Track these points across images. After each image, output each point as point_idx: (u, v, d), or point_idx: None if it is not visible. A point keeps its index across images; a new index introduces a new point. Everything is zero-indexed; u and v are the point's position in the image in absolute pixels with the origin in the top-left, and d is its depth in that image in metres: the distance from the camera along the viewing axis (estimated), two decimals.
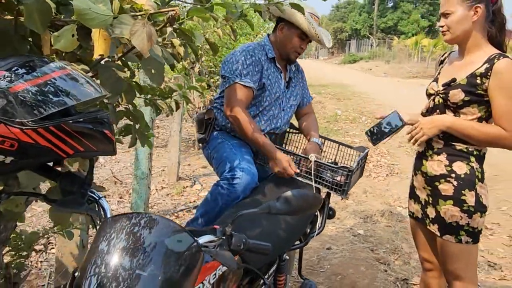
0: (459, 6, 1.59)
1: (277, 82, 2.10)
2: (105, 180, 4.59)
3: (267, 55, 2.08)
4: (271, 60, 2.09)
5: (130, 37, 1.00)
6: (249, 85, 1.95)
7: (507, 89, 1.51)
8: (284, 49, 2.08)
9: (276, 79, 2.09)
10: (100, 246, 0.93)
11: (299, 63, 2.31)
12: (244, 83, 1.95)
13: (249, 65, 1.98)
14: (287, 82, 2.18)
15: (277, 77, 2.10)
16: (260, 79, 2.01)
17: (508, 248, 3.29)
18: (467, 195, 1.61)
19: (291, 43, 2.05)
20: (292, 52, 2.08)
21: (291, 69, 2.21)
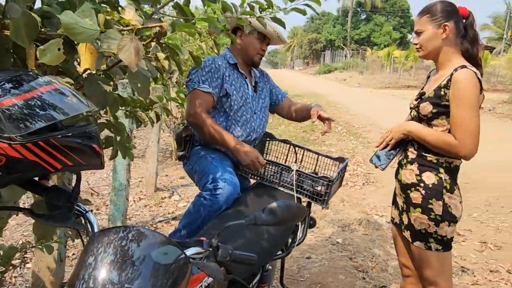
0: (429, 25, 1.69)
1: (243, 87, 2.17)
2: (81, 192, 4.48)
3: (228, 62, 2.16)
4: (233, 66, 2.17)
5: (118, 52, 1.01)
6: (207, 90, 2.02)
7: (460, 98, 1.58)
8: (247, 54, 2.17)
9: (241, 83, 2.16)
10: (88, 261, 0.93)
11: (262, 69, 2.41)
12: (202, 88, 2.02)
13: (208, 72, 2.05)
14: (254, 86, 2.26)
15: (241, 82, 2.17)
16: (222, 85, 2.08)
17: (479, 254, 3.41)
18: (434, 204, 1.67)
19: (253, 47, 2.15)
20: (255, 55, 2.17)
21: (256, 74, 2.30)
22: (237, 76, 2.16)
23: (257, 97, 2.25)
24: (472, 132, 1.58)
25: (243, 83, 2.18)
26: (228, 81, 2.10)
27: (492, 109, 13.25)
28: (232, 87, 2.10)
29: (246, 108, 2.15)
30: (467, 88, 1.57)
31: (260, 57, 2.19)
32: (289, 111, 2.44)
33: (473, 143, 1.59)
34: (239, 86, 2.14)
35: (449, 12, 1.68)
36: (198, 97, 2.02)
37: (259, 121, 2.22)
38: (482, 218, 4.23)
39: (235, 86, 2.12)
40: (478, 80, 1.59)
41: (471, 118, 1.57)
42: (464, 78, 1.57)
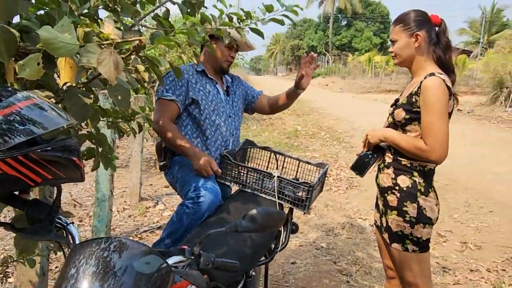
0: (402, 34, 1.76)
1: (213, 92, 2.22)
2: (64, 203, 4.44)
3: (196, 69, 2.21)
4: (201, 73, 2.22)
5: (97, 66, 1.03)
6: (170, 98, 2.11)
7: (429, 104, 1.64)
8: (215, 61, 2.23)
9: (211, 89, 2.22)
10: (70, 273, 0.93)
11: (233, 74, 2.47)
12: (166, 97, 2.11)
13: (172, 81, 2.13)
14: (226, 90, 2.32)
15: (211, 87, 2.23)
16: (187, 93, 2.14)
17: (460, 254, 3.48)
18: (409, 206, 1.72)
19: (221, 54, 2.21)
20: (224, 62, 2.23)
21: (227, 79, 2.37)
22: (205, 82, 2.22)
23: (230, 101, 2.31)
24: (440, 137, 1.63)
25: (213, 88, 2.23)
26: (195, 88, 2.16)
27: (471, 111, 13.56)
28: (200, 93, 2.16)
29: (219, 112, 2.20)
30: (434, 95, 1.62)
31: (228, 64, 2.25)
32: (270, 103, 2.50)
33: (442, 148, 1.64)
34: (209, 92, 2.20)
35: (421, 21, 1.74)
36: (162, 105, 2.11)
37: (234, 124, 2.28)
38: (462, 218, 4.33)
39: (203, 92, 2.17)
40: (447, 87, 1.65)
41: (439, 124, 1.63)
42: (432, 86, 1.63)
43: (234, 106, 2.33)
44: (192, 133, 2.18)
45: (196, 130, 2.18)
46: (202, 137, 2.17)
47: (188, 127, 2.19)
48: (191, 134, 2.18)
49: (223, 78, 2.35)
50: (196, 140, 2.17)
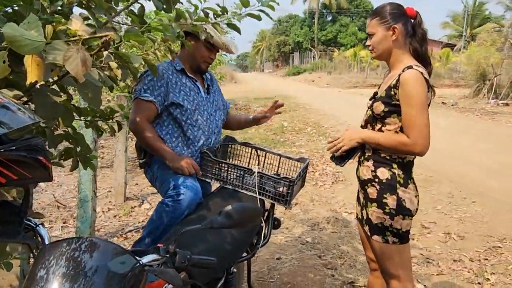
0: (379, 27, 1.76)
1: (193, 91, 2.19)
2: (47, 205, 4.39)
3: (175, 68, 2.18)
4: (180, 72, 2.19)
5: (64, 63, 1.01)
6: (148, 99, 2.06)
7: (409, 97, 1.65)
8: (194, 61, 2.20)
9: (191, 88, 2.19)
10: (39, 274, 0.92)
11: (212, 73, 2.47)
12: (143, 97, 2.06)
13: (151, 81, 2.08)
14: (207, 89, 2.30)
15: (191, 86, 2.19)
16: (167, 94, 2.10)
17: (444, 245, 3.53)
18: (388, 198, 1.74)
19: (200, 54, 2.17)
20: (202, 62, 2.19)
21: (207, 77, 2.35)
22: (185, 81, 2.18)
23: (211, 99, 2.29)
24: (422, 129, 1.65)
25: (193, 87, 2.20)
26: (175, 88, 2.12)
27: (455, 104, 13.74)
28: (180, 93, 2.12)
29: (201, 111, 2.17)
30: (413, 87, 1.63)
31: (207, 64, 2.22)
32: (229, 121, 2.53)
33: (424, 139, 1.65)
34: (189, 91, 2.16)
35: (397, 14, 1.75)
36: (139, 106, 2.07)
37: (215, 122, 2.26)
38: (445, 210, 4.38)
39: (184, 92, 2.14)
40: (425, 79, 1.66)
41: (420, 116, 1.64)
42: (410, 78, 1.64)
43: (215, 104, 2.30)
44: (173, 133, 2.14)
45: (177, 129, 2.14)
46: (183, 136, 2.14)
47: (170, 126, 2.15)
48: (172, 133, 2.14)
49: (204, 76, 2.32)
50: (177, 140, 2.13)
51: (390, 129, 1.75)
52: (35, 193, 4.64)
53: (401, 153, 1.73)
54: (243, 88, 22.11)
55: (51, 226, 3.88)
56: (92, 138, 3.25)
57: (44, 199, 4.56)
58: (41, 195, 4.69)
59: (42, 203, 4.42)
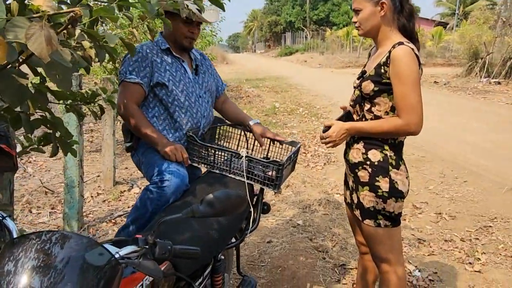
0: (366, 3, 1.66)
1: (179, 71, 2.08)
2: (34, 191, 4.31)
3: (160, 47, 2.07)
4: (165, 51, 2.08)
5: (26, 41, 0.92)
6: (135, 81, 1.97)
7: (401, 75, 1.59)
8: (175, 38, 2.08)
9: (177, 68, 2.08)
10: (6, 268, 0.86)
11: (203, 53, 2.34)
12: (129, 79, 1.97)
13: (135, 62, 1.99)
14: (195, 69, 2.18)
15: (177, 66, 2.09)
16: (152, 74, 2.00)
17: (435, 225, 3.52)
18: (381, 181, 1.69)
19: (179, 31, 2.04)
20: (184, 39, 2.07)
21: (196, 57, 2.22)
22: (172, 61, 2.07)
23: (200, 80, 2.17)
24: (415, 106, 1.59)
25: (180, 67, 2.09)
26: (161, 68, 2.02)
27: (447, 83, 13.71)
28: (166, 74, 2.02)
29: (188, 92, 2.07)
30: (406, 64, 1.57)
31: (189, 40, 2.08)
32: (222, 108, 2.38)
33: (419, 117, 1.60)
34: (175, 71, 2.06)
35: None
36: (126, 89, 1.97)
37: (205, 105, 2.15)
38: (437, 190, 4.38)
39: (170, 72, 2.04)
40: (416, 56, 1.59)
41: (413, 93, 1.58)
42: (402, 55, 1.57)
43: (204, 86, 2.18)
44: (159, 115, 2.05)
45: (164, 112, 2.05)
46: (170, 119, 2.05)
47: (156, 109, 2.06)
48: (159, 116, 2.05)
49: (192, 55, 2.19)
50: (164, 123, 2.05)
51: (380, 110, 1.69)
52: (22, 179, 4.56)
53: (396, 136, 1.68)
54: (235, 69, 21.90)
55: (39, 213, 3.81)
56: (76, 122, 3.16)
57: (32, 185, 4.48)
58: (28, 180, 4.60)
59: (29, 188, 4.34)
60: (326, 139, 1.75)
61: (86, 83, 7.49)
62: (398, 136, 1.69)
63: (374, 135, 1.70)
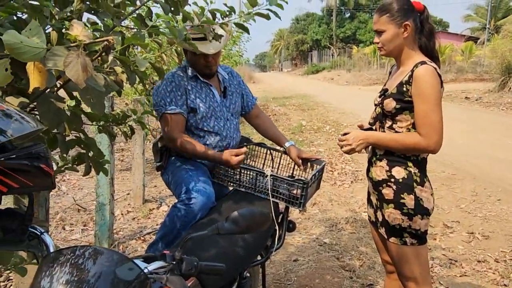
0: (390, 25, 1.68)
1: (208, 96, 2.13)
2: (68, 208, 4.46)
3: (188, 75, 2.11)
4: (194, 78, 2.12)
5: (64, 69, 1.00)
6: (175, 111, 2.02)
7: (423, 94, 1.60)
8: (197, 69, 2.11)
9: (206, 93, 2.13)
10: (42, 282, 0.91)
11: (232, 69, 2.37)
12: (170, 111, 2.01)
13: (171, 92, 2.04)
14: (223, 92, 2.21)
15: (207, 91, 2.13)
16: (187, 101, 2.06)
17: (467, 245, 3.42)
18: (406, 198, 1.68)
19: (196, 62, 2.08)
20: (203, 69, 2.10)
21: (224, 77, 2.24)
22: (200, 86, 2.13)
23: (227, 103, 2.21)
24: (436, 126, 1.60)
25: (208, 92, 2.14)
26: (192, 94, 2.08)
27: (479, 98, 13.36)
28: (197, 100, 2.08)
29: (217, 117, 2.12)
30: (428, 83, 1.58)
31: (209, 68, 2.10)
32: (257, 123, 2.41)
33: (438, 136, 1.61)
34: (205, 97, 2.11)
35: (407, 10, 1.68)
36: (169, 121, 2.02)
37: (233, 127, 2.20)
38: (469, 208, 4.25)
39: (200, 98, 2.09)
40: (439, 75, 1.60)
41: (434, 112, 1.60)
42: (425, 75, 1.59)
43: (232, 108, 2.22)
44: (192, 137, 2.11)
45: (193, 136, 2.10)
46: (200, 141, 2.09)
47: (186, 132, 2.10)
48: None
49: (220, 76, 2.23)
50: None
51: (401, 126, 1.70)
52: (56, 197, 4.73)
53: (414, 152, 1.68)
54: (262, 87, 22.10)
55: (71, 229, 3.94)
56: (109, 142, 3.28)
57: (65, 202, 4.63)
58: (62, 198, 4.77)
59: (63, 206, 4.50)
60: (343, 142, 1.77)
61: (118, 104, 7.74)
62: (415, 153, 1.69)
63: (392, 148, 1.70)
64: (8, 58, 1.05)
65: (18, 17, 1.28)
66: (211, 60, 2.06)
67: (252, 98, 2.41)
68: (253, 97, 2.43)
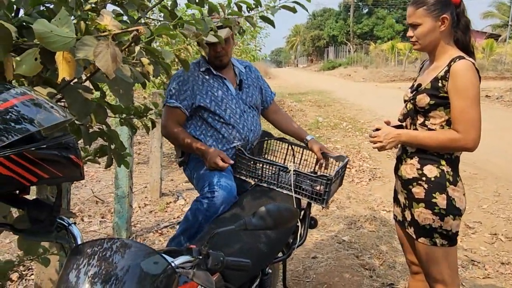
0: (426, 18, 1.61)
1: (221, 89, 2.13)
2: (86, 200, 4.50)
3: (200, 69, 2.15)
4: (206, 72, 2.14)
5: (94, 59, 0.99)
6: (174, 105, 2.08)
7: (461, 90, 1.54)
8: (209, 61, 2.15)
9: (218, 87, 2.13)
10: (71, 275, 0.90)
11: (251, 64, 2.38)
12: (170, 104, 2.10)
13: (176, 86, 2.09)
14: (239, 84, 2.21)
15: (219, 85, 2.14)
16: (194, 97, 2.08)
17: (490, 246, 3.34)
18: (438, 198, 1.63)
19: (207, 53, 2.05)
20: (214, 60, 2.13)
21: (240, 71, 2.24)
22: (213, 81, 2.14)
23: (243, 95, 2.19)
24: (474, 122, 1.55)
25: (221, 85, 2.14)
26: (202, 90, 2.10)
27: (500, 97, 13.06)
28: (207, 95, 2.09)
29: (232, 110, 2.12)
30: (467, 79, 1.53)
31: (219, 59, 2.11)
32: (275, 119, 2.41)
33: (477, 133, 1.56)
34: (216, 90, 2.12)
35: (444, 2, 1.61)
36: (168, 111, 2.11)
37: (251, 119, 2.17)
38: (492, 209, 4.15)
39: (211, 92, 2.10)
40: (477, 70, 1.55)
41: (473, 108, 1.54)
42: (464, 70, 1.54)
43: (249, 100, 2.20)
44: (206, 132, 2.12)
45: (210, 129, 2.11)
46: (217, 135, 2.10)
47: (203, 127, 2.13)
48: (206, 133, 2.12)
49: (236, 69, 2.22)
50: (211, 139, 2.11)
51: (435, 123, 1.64)
52: (75, 188, 4.78)
53: (451, 150, 1.62)
54: (278, 83, 22.00)
55: (90, 221, 3.97)
56: (128, 135, 3.29)
57: (84, 194, 4.68)
58: (81, 190, 4.82)
59: (81, 198, 4.54)
60: (374, 138, 1.72)
61: (136, 97, 7.80)
62: (452, 150, 1.64)
63: (427, 146, 1.64)
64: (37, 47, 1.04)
65: (46, 7, 1.27)
66: (220, 51, 2.08)
67: (271, 93, 2.41)
68: (271, 92, 2.42)
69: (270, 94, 2.39)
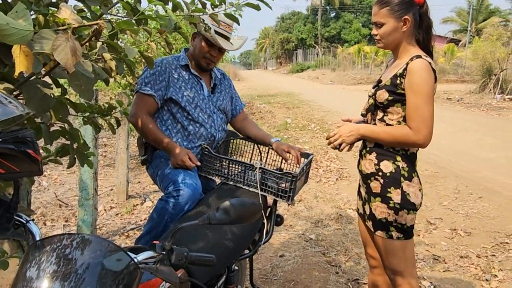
0: (389, 18, 1.66)
1: (195, 88, 2.15)
2: (49, 203, 4.36)
3: (179, 63, 2.15)
4: (184, 67, 2.15)
5: (53, 52, 0.97)
6: (148, 92, 2.04)
7: (415, 87, 1.60)
8: (195, 56, 2.16)
9: (193, 85, 2.15)
10: (28, 272, 0.88)
11: (225, 73, 2.41)
12: (144, 91, 2.05)
13: (152, 75, 2.07)
14: (212, 87, 2.24)
15: (193, 83, 2.15)
16: (167, 89, 2.07)
17: (450, 241, 3.47)
18: (393, 192, 1.68)
19: (199, 50, 2.12)
20: (202, 59, 2.14)
21: (216, 76, 2.29)
22: (188, 77, 2.15)
23: (214, 98, 2.22)
24: (427, 120, 1.60)
25: (196, 83, 2.16)
26: (176, 84, 2.09)
27: (460, 99, 13.61)
28: (180, 90, 2.09)
29: (202, 109, 2.13)
30: (422, 77, 1.58)
31: (207, 61, 2.14)
32: (242, 126, 2.41)
33: (428, 130, 1.61)
34: (190, 88, 2.13)
35: (407, 3, 1.66)
36: (140, 99, 2.05)
37: (219, 121, 2.20)
38: (452, 205, 4.32)
39: (185, 88, 2.11)
40: (433, 70, 1.61)
41: (426, 106, 1.60)
42: (419, 68, 1.59)
43: (219, 104, 2.23)
44: (172, 128, 2.11)
45: (176, 124, 2.11)
46: (183, 132, 2.10)
47: (169, 121, 2.12)
48: (172, 129, 2.11)
49: (212, 74, 2.27)
50: (177, 135, 2.10)
51: (392, 119, 1.70)
52: (37, 192, 4.63)
53: (403, 145, 1.69)
54: (247, 85, 22.05)
55: (53, 225, 3.86)
56: (92, 135, 3.22)
57: (46, 197, 4.54)
58: (43, 193, 4.67)
59: (43, 201, 4.40)
60: (334, 136, 1.78)
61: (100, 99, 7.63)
62: (405, 146, 1.69)
63: (383, 140, 1.70)
64: None
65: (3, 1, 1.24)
66: (216, 56, 2.13)
67: (241, 103, 2.45)
68: (241, 102, 2.46)
69: (240, 104, 2.44)
